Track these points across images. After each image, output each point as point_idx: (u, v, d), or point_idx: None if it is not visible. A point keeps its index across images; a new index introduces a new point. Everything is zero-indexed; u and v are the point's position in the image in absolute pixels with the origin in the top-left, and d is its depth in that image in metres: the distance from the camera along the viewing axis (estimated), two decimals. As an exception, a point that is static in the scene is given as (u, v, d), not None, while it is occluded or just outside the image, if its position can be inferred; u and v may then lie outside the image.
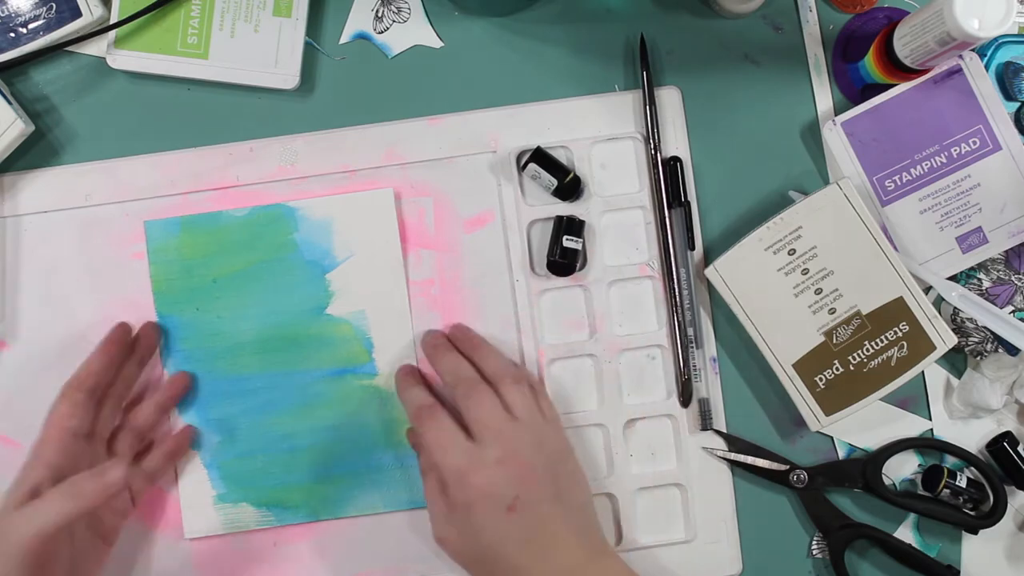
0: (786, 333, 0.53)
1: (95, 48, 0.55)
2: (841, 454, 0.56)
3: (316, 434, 0.54)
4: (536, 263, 0.55)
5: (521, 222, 0.55)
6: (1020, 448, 0.55)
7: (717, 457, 0.55)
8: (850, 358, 0.53)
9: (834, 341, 0.53)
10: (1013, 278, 0.55)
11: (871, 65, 0.54)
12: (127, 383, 0.52)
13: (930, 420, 0.56)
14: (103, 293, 0.54)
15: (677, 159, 0.55)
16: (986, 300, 0.54)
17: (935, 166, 0.55)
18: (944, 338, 0.52)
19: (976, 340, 0.54)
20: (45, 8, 0.53)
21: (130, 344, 0.52)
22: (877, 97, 0.54)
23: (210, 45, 0.54)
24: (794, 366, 0.53)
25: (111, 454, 0.50)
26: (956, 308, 0.54)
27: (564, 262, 0.54)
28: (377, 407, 0.54)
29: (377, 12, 0.56)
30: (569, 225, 0.54)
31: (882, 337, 0.53)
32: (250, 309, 0.54)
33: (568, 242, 0.54)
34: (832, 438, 0.56)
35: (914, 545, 0.55)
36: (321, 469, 0.54)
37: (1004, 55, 0.56)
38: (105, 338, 0.51)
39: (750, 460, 0.55)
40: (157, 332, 0.53)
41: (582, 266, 0.55)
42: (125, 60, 0.54)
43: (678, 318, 0.55)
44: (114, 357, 0.50)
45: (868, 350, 0.53)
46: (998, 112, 0.54)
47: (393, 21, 0.56)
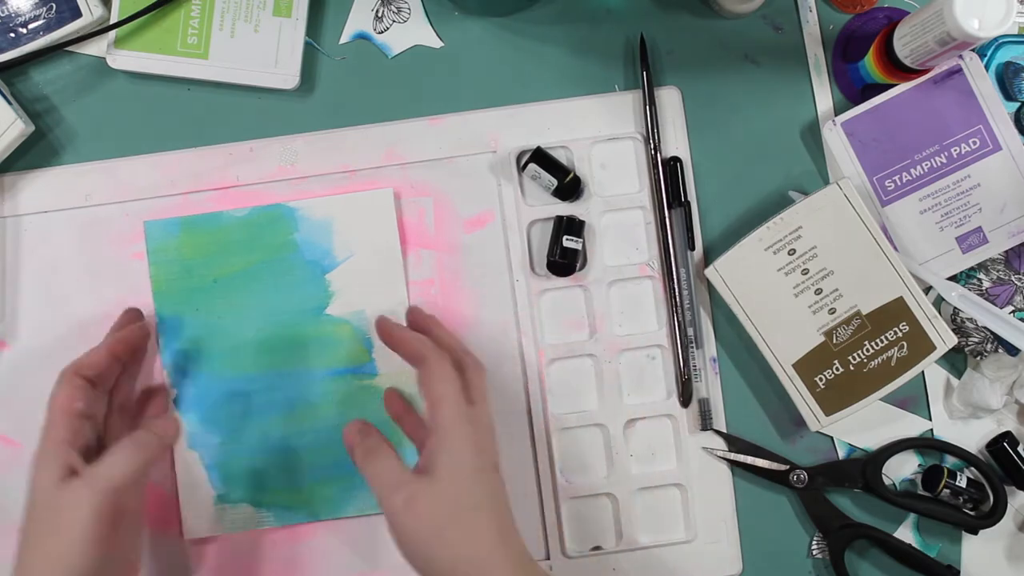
0: (786, 333, 0.53)
1: (95, 48, 0.55)
2: (841, 454, 0.56)
3: (316, 434, 0.53)
4: (536, 263, 0.55)
5: (521, 222, 0.55)
6: (1020, 448, 0.55)
7: (717, 457, 0.55)
8: (850, 358, 0.53)
9: (834, 341, 0.53)
10: (1013, 278, 0.55)
11: (871, 65, 0.54)
12: (122, 380, 0.52)
13: (930, 420, 0.56)
14: (103, 293, 0.54)
15: (677, 159, 0.55)
16: (986, 300, 0.54)
17: (935, 166, 0.55)
18: (944, 338, 0.52)
19: (976, 340, 0.54)
20: (45, 8, 0.53)
21: (139, 342, 0.52)
22: (877, 97, 0.54)
23: (210, 45, 0.54)
24: (794, 366, 0.53)
25: (108, 437, 0.50)
26: (956, 308, 0.54)
27: (564, 262, 0.54)
28: (377, 407, 0.53)
29: (377, 12, 0.56)
30: (569, 225, 0.54)
31: (882, 337, 0.53)
32: (250, 309, 0.54)
33: (568, 242, 0.54)
34: (832, 438, 0.56)
35: (914, 545, 0.55)
36: (321, 469, 0.53)
37: (1004, 55, 0.56)
38: (117, 337, 0.50)
39: (750, 460, 0.55)
40: (144, 334, 0.52)
41: (582, 266, 0.55)
42: (125, 60, 0.54)
43: (678, 318, 0.55)
44: (120, 356, 0.50)
45: (868, 350, 0.53)
46: (998, 112, 0.54)
47: (393, 21, 0.56)
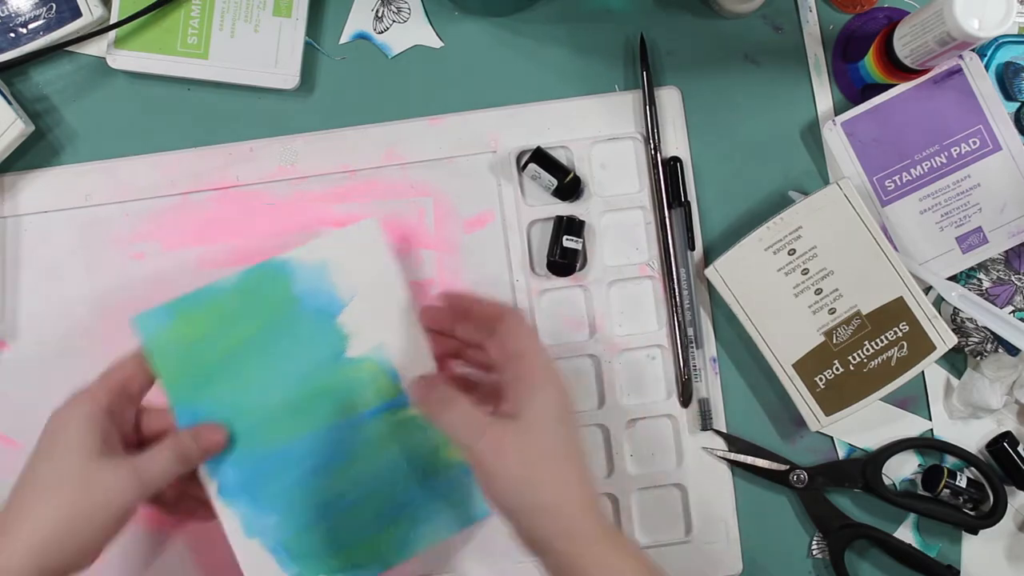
0: (786, 333, 0.53)
1: (95, 48, 0.55)
2: (841, 454, 0.56)
3: (369, 482, 0.50)
4: (536, 263, 0.55)
5: (521, 222, 0.55)
6: (1020, 448, 0.55)
7: (717, 457, 0.55)
8: (850, 358, 0.53)
9: (834, 341, 0.53)
10: (1013, 278, 0.55)
11: (871, 65, 0.54)
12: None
13: (930, 420, 0.56)
14: (103, 293, 0.54)
15: (677, 159, 0.55)
16: (986, 300, 0.54)
17: (935, 166, 0.54)
18: (944, 338, 0.52)
19: (976, 340, 0.54)
20: (45, 8, 0.53)
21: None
22: (877, 97, 0.54)
23: (210, 45, 0.54)
24: (794, 366, 0.53)
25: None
26: (956, 308, 0.54)
27: (564, 262, 0.54)
28: (419, 436, 0.50)
29: (377, 12, 0.56)
30: (569, 225, 0.54)
31: (882, 337, 0.53)
32: (269, 375, 0.49)
33: (568, 242, 0.54)
34: (832, 438, 0.56)
35: (914, 545, 0.55)
36: (384, 515, 0.50)
37: (1004, 55, 0.56)
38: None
39: (750, 460, 0.55)
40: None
41: (582, 266, 0.55)
42: (125, 60, 0.54)
43: (678, 318, 0.55)
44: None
45: (868, 350, 0.53)
46: (998, 112, 0.54)
47: (393, 21, 0.56)
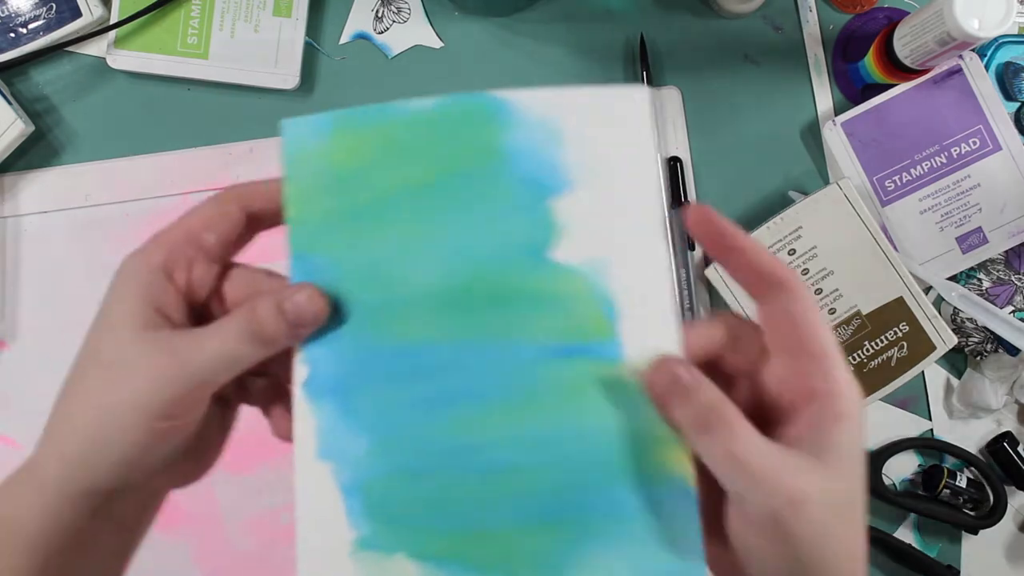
0: (786, 333, 0.53)
1: (95, 48, 0.55)
2: (841, 454, 0.56)
3: (526, 449, 0.32)
4: (536, 263, 0.55)
5: (521, 222, 0.55)
6: (1020, 448, 0.55)
7: (717, 457, 0.55)
8: (850, 358, 0.53)
9: (834, 341, 0.53)
10: (1013, 278, 0.55)
11: (871, 65, 0.54)
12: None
13: (930, 420, 0.56)
14: (103, 293, 0.54)
15: (677, 159, 0.55)
16: (986, 300, 0.54)
17: (935, 166, 0.54)
18: (944, 338, 0.52)
19: (976, 340, 0.54)
20: (45, 8, 0.53)
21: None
22: (877, 97, 0.54)
23: (210, 45, 0.54)
24: (794, 366, 0.53)
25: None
26: (956, 308, 0.54)
27: (564, 262, 0.54)
28: (624, 411, 0.33)
29: (377, 12, 0.56)
30: (569, 225, 0.54)
31: (882, 337, 0.53)
32: (430, 246, 0.33)
33: (568, 242, 0.54)
34: (832, 438, 0.56)
35: (914, 545, 0.55)
36: (531, 507, 0.32)
37: (1004, 55, 0.56)
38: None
39: (750, 460, 0.55)
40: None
41: (582, 266, 0.55)
42: (125, 60, 0.54)
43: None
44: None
45: (868, 350, 0.53)
46: (998, 112, 0.54)
47: (393, 21, 0.56)
